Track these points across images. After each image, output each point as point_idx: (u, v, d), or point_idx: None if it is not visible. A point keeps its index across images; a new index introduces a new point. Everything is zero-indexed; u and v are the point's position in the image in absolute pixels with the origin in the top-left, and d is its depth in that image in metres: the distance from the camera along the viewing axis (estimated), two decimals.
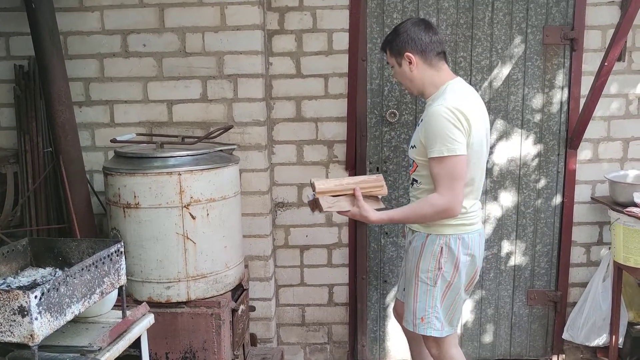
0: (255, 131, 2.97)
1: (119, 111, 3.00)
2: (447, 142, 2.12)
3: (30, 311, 1.51)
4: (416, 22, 2.30)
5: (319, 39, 3.06)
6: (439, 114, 2.15)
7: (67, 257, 2.03)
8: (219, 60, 2.91)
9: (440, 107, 2.16)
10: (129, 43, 2.93)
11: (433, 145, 2.16)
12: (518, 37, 3.05)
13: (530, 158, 3.17)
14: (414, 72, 2.29)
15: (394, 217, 2.32)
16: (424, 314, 2.33)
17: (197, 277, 2.49)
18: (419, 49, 2.26)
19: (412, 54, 2.26)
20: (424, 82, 2.30)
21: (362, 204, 2.26)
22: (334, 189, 2.29)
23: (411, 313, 2.36)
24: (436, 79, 2.29)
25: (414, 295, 2.35)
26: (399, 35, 2.27)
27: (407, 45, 2.26)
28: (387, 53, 2.36)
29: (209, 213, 2.48)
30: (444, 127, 2.13)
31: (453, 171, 2.14)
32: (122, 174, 2.43)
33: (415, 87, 2.34)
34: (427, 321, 2.33)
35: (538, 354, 3.37)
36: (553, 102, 3.11)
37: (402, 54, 2.28)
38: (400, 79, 2.39)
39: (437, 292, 2.31)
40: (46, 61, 2.60)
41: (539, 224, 3.23)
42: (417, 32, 2.26)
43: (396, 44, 2.28)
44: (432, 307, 2.32)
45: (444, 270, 2.28)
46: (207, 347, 2.53)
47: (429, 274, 2.30)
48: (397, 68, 2.34)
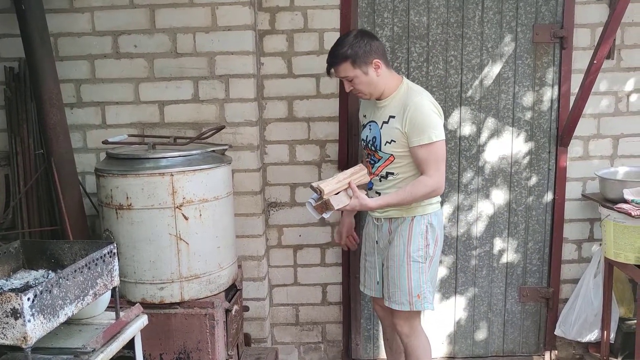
0: (247, 131, 2.98)
1: (111, 112, 2.99)
2: (435, 129, 2.38)
3: (23, 313, 1.51)
4: (366, 33, 2.45)
5: (310, 39, 3.06)
6: (425, 107, 2.39)
7: (60, 259, 2.03)
8: (210, 61, 2.91)
9: (423, 101, 2.41)
10: (119, 44, 2.92)
11: (421, 134, 2.38)
12: (508, 36, 3.07)
13: (521, 156, 3.19)
14: (379, 76, 2.44)
15: (389, 201, 2.48)
16: (420, 290, 2.52)
17: (190, 277, 2.49)
18: (381, 54, 2.45)
19: (379, 60, 2.42)
20: (385, 83, 2.47)
21: (359, 194, 2.45)
22: (335, 187, 2.43)
23: (406, 293, 2.52)
24: (394, 79, 2.50)
25: (407, 276, 2.52)
26: (360, 47, 2.39)
27: (373, 53, 2.41)
28: (349, 66, 2.41)
29: (202, 213, 2.48)
30: (431, 117, 2.39)
31: (439, 154, 2.42)
32: (114, 175, 2.43)
33: (377, 90, 2.48)
34: (423, 297, 2.53)
35: (531, 351, 3.39)
36: (543, 100, 3.13)
37: (369, 62, 2.41)
38: (364, 87, 2.47)
39: (426, 268, 2.54)
40: (37, 63, 2.59)
41: (531, 221, 3.25)
42: (373, 41, 2.43)
43: (361, 55, 2.39)
44: (425, 282, 2.54)
45: (429, 247, 2.54)
46: (201, 348, 2.53)
47: (420, 252, 2.52)
48: (362, 78, 2.44)
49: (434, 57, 3.10)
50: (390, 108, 2.48)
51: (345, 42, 2.41)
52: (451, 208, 3.23)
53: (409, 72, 3.10)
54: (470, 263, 3.29)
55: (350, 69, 2.42)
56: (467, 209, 3.23)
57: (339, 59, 2.42)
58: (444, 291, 3.33)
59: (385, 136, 2.49)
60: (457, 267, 3.29)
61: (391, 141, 2.47)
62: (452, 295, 3.33)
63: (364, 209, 2.54)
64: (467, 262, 3.29)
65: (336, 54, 2.43)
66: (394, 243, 2.57)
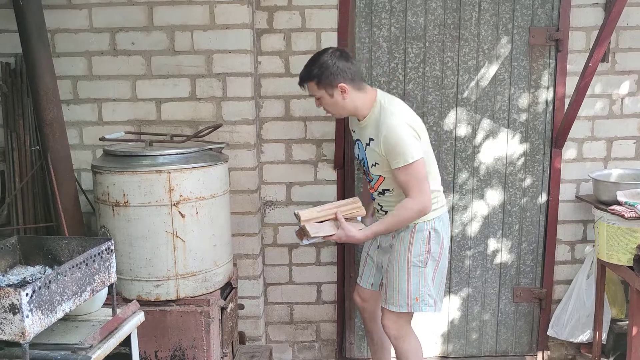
0: (244, 130, 2.98)
1: (108, 109, 2.99)
2: (410, 150, 2.33)
3: (22, 309, 1.51)
4: (338, 54, 2.41)
5: (307, 38, 3.07)
6: (397, 129, 2.35)
7: (57, 255, 2.03)
8: (208, 59, 2.91)
9: (395, 123, 2.36)
10: (117, 41, 2.92)
11: (397, 157, 2.35)
12: (504, 38, 3.09)
13: (516, 157, 3.21)
14: (346, 100, 2.42)
15: (377, 230, 2.51)
16: (418, 294, 2.52)
17: (186, 275, 2.50)
18: (349, 77, 2.39)
19: (345, 84, 2.38)
20: (356, 106, 2.45)
21: (345, 225, 2.46)
22: (318, 215, 2.47)
23: (405, 296, 2.53)
24: (367, 100, 2.45)
25: (407, 280, 2.52)
26: (327, 68, 2.37)
27: (339, 77, 2.37)
28: (314, 86, 2.43)
29: (198, 211, 2.48)
30: (403, 139, 2.34)
31: (418, 174, 2.37)
32: (111, 172, 2.43)
33: (344, 112, 2.49)
34: (421, 300, 2.53)
35: (523, 351, 3.41)
36: (539, 102, 3.15)
37: (334, 86, 2.38)
38: (330, 108, 2.49)
39: (429, 272, 2.53)
40: (34, 59, 2.57)
41: (525, 222, 3.27)
42: (343, 63, 2.38)
43: (326, 77, 2.37)
44: (424, 286, 2.52)
45: (432, 251, 2.52)
46: (196, 345, 2.54)
47: (421, 257, 2.51)
48: (327, 99, 2.43)
49: (430, 58, 3.12)
50: (369, 129, 2.47)
51: (315, 61, 2.41)
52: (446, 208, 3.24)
53: (406, 73, 3.12)
54: (465, 263, 3.31)
55: (315, 88, 2.43)
56: (462, 210, 3.25)
57: (305, 78, 2.45)
58: None
59: (370, 159, 2.51)
60: (451, 267, 3.31)
61: (375, 164, 2.49)
62: (445, 295, 3.34)
63: (350, 241, 2.52)
64: (461, 262, 3.31)
65: (304, 72, 2.45)
66: (395, 248, 2.57)
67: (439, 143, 3.19)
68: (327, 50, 2.44)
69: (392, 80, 3.13)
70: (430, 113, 3.16)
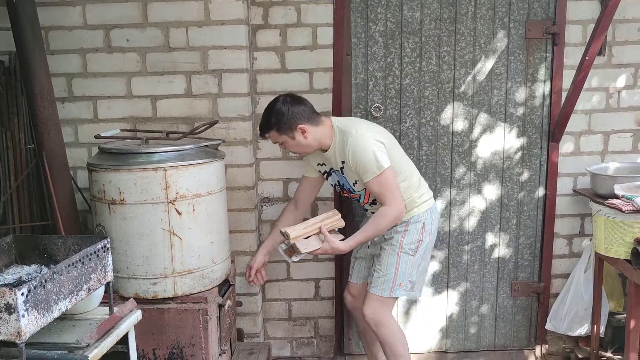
0: (240, 126, 2.97)
1: (103, 107, 2.97)
2: (376, 162, 2.46)
3: (17, 308, 1.50)
4: (289, 100, 2.53)
5: (303, 34, 3.06)
6: (359, 144, 2.48)
7: (53, 254, 2.02)
8: (203, 55, 2.90)
9: (356, 140, 2.49)
10: (112, 38, 2.90)
11: (367, 171, 2.49)
12: (501, 32, 3.08)
13: (513, 151, 3.20)
14: (308, 138, 2.54)
15: (359, 240, 2.61)
16: (402, 279, 2.65)
17: (183, 272, 2.49)
18: (306, 118, 2.52)
19: (304, 124, 2.51)
20: (319, 140, 2.58)
21: (330, 238, 2.54)
22: (304, 231, 2.54)
23: (390, 281, 2.65)
24: (326, 131, 2.58)
25: (395, 265, 2.64)
26: (283, 115, 2.49)
27: (297, 120, 2.50)
28: (275, 133, 2.55)
29: (195, 208, 2.47)
30: (367, 152, 2.47)
31: (388, 182, 2.50)
32: (106, 169, 2.42)
33: (309, 149, 2.61)
34: (403, 285, 2.66)
35: (522, 345, 3.42)
36: (535, 96, 3.15)
37: (294, 129, 2.51)
38: (296, 149, 2.61)
39: (416, 260, 2.68)
40: (27, 56, 2.55)
41: (522, 217, 3.27)
42: (296, 107, 2.51)
43: (285, 123, 2.50)
44: (409, 273, 2.67)
45: (424, 241, 2.67)
46: (194, 343, 2.53)
47: (412, 245, 2.65)
48: (290, 142, 2.56)
49: (427, 52, 3.10)
50: (337, 155, 2.60)
51: (271, 111, 2.52)
52: (443, 203, 3.24)
53: (402, 68, 3.11)
54: (463, 258, 3.30)
55: (277, 135, 2.55)
56: (460, 204, 3.25)
57: (265, 129, 2.56)
58: (436, 286, 3.34)
59: (350, 179, 2.64)
60: (449, 262, 3.31)
61: (356, 181, 2.62)
62: (444, 289, 3.34)
63: (336, 253, 2.60)
64: (459, 257, 3.30)
65: (263, 123, 2.57)
66: (389, 235, 2.68)
67: (436, 138, 3.18)
68: (278, 98, 2.56)
69: (388, 75, 3.12)
70: (427, 108, 3.15)
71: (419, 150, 3.19)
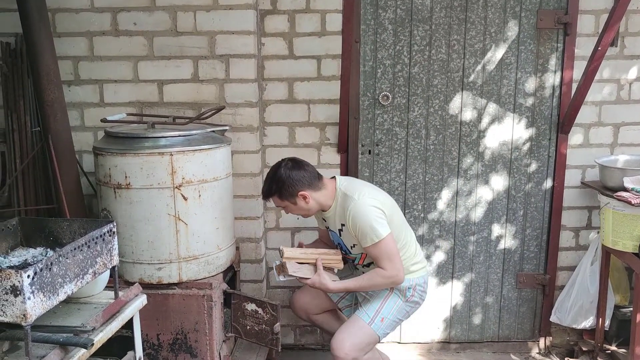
0: (247, 112, 2.95)
1: (109, 91, 2.95)
2: (375, 230, 2.46)
3: (23, 290, 1.49)
4: (290, 166, 2.54)
5: (312, 20, 3.02)
6: (360, 211, 2.48)
7: (59, 237, 2.01)
8: (211, 40, 2.87)
9: (358, 206, 2.49)
10: (119, 21, 2.87)
11: (365, 237, 2.49)
12: (512, 21, 3.05)
13: (521, 142, 3.18)
14: (310, 203, 2.55)
15: (349, 287, 2.62)
16: (386, 315, 2.62)
17: (188, 258, 2.48)
18: (307, 184, 2.52)
19: (305, 191, 2.51)
20: (320, 203, 2.59)
21: (322, 272, 2.55)
22: (300, 256, 2.58)
23: (374, 310, 2.62)
24: (328, 194, 2.59)
25: (384, 299, 2.63)
26: (284, 182, 2.50)
27: (298, 187, 2.51)
28: (277, 199, 2.57)
29: (201, 194, 2.46)
30: (368, 220, 2.47)
31: (388, 249, 2.50)
32: (113, 154, 2.40)
33: (311, 212, 2.63)
34: (385, 323, 2.62)
35: (526, 336, 3.41)
36: (545, 87, 3.11)
37: (295, 195, 2.52)
38: (297, 212, 2.64)
39: (402, 308, 2.65)
40: (34, 38, 2.54)
41: (529, 208, 3.25)
42: (298, 173, 2.52)
43: (286, 190, 2.51)
44: (394, 316, 2.63)
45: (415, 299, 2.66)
46: (198, 329, 2.53)
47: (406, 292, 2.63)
48: (292, 207, 2.58)
49: (436, 40, 3.07)
50: (337, 217, 2.61)
51: (272, 178, 2.54)
52: (450, 193, 3.22)
53: (411, 56, 3.07)
54: (468, 248, 3.29)
55: (279, 201, 2.57)
56: (467, 195, 3.23)
57: (267, 195, 2.58)
58: (441, 276, 3.33)
59: (347, 242, 2.64)
60: (455, 253, 3.29)
61: (354, 245, 2.62)
62: (449, 280, 3.33)
63: (322, 288, 2.60)
64: (464, 247, 3.29)
65: (265, 189, 2.58)
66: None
67: (444, 127, 3.15)
68: (280, 164, 2.56)
69: (397, 63, 3.09)
70: (436, 97, 3.12)
71: (427, 139, 3.17)
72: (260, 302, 2.67)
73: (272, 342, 2.66)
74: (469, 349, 3.41)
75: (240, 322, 2.74)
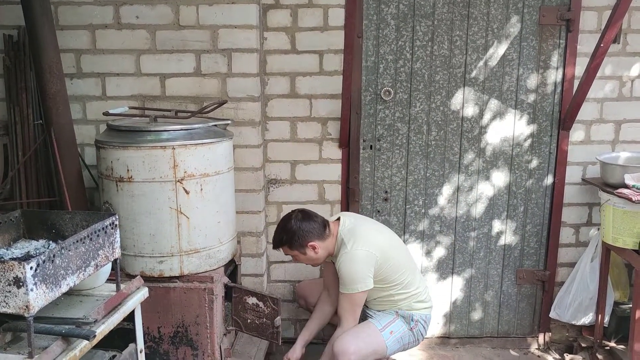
0: (249, 107, 2.95)
1: (111, 84, 2.95)
2: (357, 282, 2.58)
3: (26, 282, 1.50)
4: (300, 217, 2.64)
5: (314, 15, 3.02)
6: (348, 260, 2.59)
7: (61, 230, 2.01)
8: (213, 34, 2.87)
9: (348, 257, 2.59)
10: (121, 14, 2.88)
11: (345, 285, 2.60)
12: (514, 17, 3.04)
13: (523, 138, 3.18)
14: (319, 253, 2.65)
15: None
16: (395, 331, 2.68)
17: (190, 251, 2.49)
18: (316, 235, 2.62)
19: (314, 242, 2.61)
20: (328, 251, 2.69)
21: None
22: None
23: (386, 322, 2.70)
24: (333, 241, 2.68)
25: (392, 320, 2.70)
26: (295, 233, 2.61)
27: (307, 238, 2.61)
28: (287, 249, 2.68)
29: (203, 188, 2.47)
30: (353, 270, 2.58)
31: (357, 302, 2.63)
32: (115, 147, 2.41)
33: (319, 261, 2.72)
34: (393, 337, 2.67)
35: (525, 332, 3.42)
36: (547, 83, 3.11)
37: (305, 246, 2.62)
38: (306, 262, 2.73)
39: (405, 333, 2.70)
40: (37, 31, 2.54)
41: (530, 204, 3.25)
42: (308, 225, 2.62)
43: (297, 241, 2.62)
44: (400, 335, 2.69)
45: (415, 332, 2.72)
46: (199, 322, 2.54)
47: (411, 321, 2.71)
48: (301, 257, 2.68)
49: (439, 36, 3.07)
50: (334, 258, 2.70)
51: (283, 228, 2.65)
52: (451, 189, 3.23)
53: (414, 51, 3.08)
54: (469, 244, 3.30)
55: (289, 250, 2.68)
56: (467, 190, 3.23)
57: (278, 245, 2.69)
58: (441, 272, 3.34)
59: None
60: (455, 248, 3.30)
61: None
62: (449, 275, 3.34)
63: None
64: (465, 243, 3.30)
65: (276, 239, 2.69)
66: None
67: (446, 123, 3.16)
68: (291, 215, 2.67)
69: (399, 58, 3.09)
70: (438, 92, 3.12)
71: (428, 135, 3.17)
72: (261, 295, 2.68)
73: (273, 336, 2.67)
74: (469, 344, 3.43)
75: (241, 316, 2.75)
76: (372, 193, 3.24)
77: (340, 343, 2.57)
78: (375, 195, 3.24)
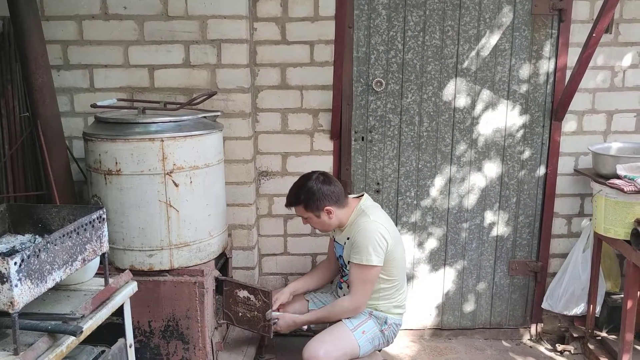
0: (239, 98, 2.92)
1: (99, 76, 2.91)
2: (370, 254, 2.50)
3: (10, 278, 1.47)
4: (322, 179, 2.58)
5: (305, 4, 2.99)
6: (369, 229, 2.52)
7: (47, 224, 1.98)
8: (202, 25, 2.83)
9: (370, 224, 2.53)
10: (108, 5, 2.83)
11: (358, 253, 2.52)
12: (506, 7, 3.02)
13: (515, 129, 3.16)
14: (332, 219, 2.60)
15: (310, 319, 2.70)
16: (368, 331, 2.63)
17: (180, 245, 2.46)
18: (334, 201, 2.57)
19: (331, 206, 2.56)
20: (340, 219, 2.63)
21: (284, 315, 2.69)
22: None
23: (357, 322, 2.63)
24: (348, 213, 2.64)
25: (364, 320, 2.64)
26: (314, 194, 2.54)
27: (325, 201, 2.55)
28: (302, 209, 2.60)
29: (192, 180, 2.44)
30: (372, 240, 2.50)
31: (368, 278, 2.54)
32: (103, 139, 2.37)
33: (330, 228, 2.67)
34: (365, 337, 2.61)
35: (517, 323, 3.42)
36: (539, 74, 3.10)
37: (321, 209, 2.56)
38: (318, 226, 2.68)
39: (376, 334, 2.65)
40: (22, 22, 2.49)
41: (522, 195, 3.24)
42: (327, 188, 2.56)
43: (313, 202, 2.55)
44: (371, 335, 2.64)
45: (386, 335, 2.68)
46: (190, 316, 2.52)
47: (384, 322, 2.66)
48: (315, 220, 2.62)
49: (430, 26, 3.04)
50: (346, 232, 2.64)
51: (302, 187, 2.58)
52: (443, 180, 3.21)
53: (405, 42, 3.05)
54: (461, 236, 3.29)
55: (304, 211, 2.60)
56: (459, 182, 3.22)
57: (293, 203, 2.62)
58: (434, 263, 3.33)
59: (347, 257, 2.64)
60: (447, 240, 3.29)
61: (350, 262, 2.61)
62: (441, 267, 3.33)
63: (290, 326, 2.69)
64: (457, 234, 3.29)
65: (292, 196, 2.62)
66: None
67: (437, 114, 3.14)
68: (311, 175, 2.60)
69: (390, 49, 3.06)
70: (429, 83, 3.10)
71: (420, 126, 3.15)
72: (252, 289, 2.66)
73: (264, 329, 2.66)
74: (461, 335, 3.43)
75: (232, 309, 2.73)
76: (364, 185, 3.22)
77: (308, 349, 2.51)
78: (367, 187, 3.22)
